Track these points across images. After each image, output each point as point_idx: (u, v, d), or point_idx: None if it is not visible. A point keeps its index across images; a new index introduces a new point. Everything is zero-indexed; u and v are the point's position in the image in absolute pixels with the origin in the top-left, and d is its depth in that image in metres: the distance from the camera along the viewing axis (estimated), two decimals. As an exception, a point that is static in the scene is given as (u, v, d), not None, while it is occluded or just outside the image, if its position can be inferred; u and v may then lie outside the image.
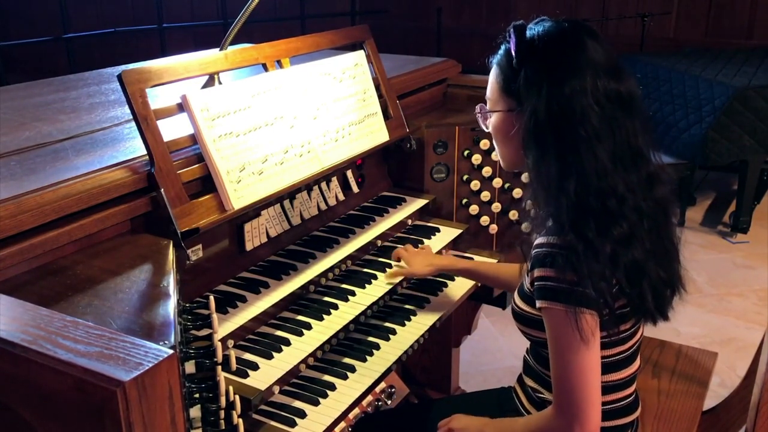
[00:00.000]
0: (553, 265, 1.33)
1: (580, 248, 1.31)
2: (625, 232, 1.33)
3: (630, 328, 1.47)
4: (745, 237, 4.52)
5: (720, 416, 2.01)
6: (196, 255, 1.63)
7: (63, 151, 1.65)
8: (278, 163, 1.76)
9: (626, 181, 1.34)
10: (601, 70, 1.35)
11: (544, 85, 1.35)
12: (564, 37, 1.39)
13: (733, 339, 3.41)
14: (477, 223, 2.33)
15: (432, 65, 2.62)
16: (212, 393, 1.21)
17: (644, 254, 1.36)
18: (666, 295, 1.46)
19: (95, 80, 2.44)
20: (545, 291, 1.35)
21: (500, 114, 1.48)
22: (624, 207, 1.34)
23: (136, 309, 1.21)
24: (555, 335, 1.37)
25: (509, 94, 1.44)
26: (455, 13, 7.38)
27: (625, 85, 1.37)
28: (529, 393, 1.59)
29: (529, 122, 1.37)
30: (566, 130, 1.33)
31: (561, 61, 1.36)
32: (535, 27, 1.41)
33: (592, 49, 1.36)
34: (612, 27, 6.31)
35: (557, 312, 1.33)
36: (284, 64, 1.92)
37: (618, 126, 1.34)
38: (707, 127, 4.29)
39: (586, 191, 1.32)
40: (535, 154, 1.38)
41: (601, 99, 1.33)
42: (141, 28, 6.16)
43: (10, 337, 0.96)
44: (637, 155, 1.38)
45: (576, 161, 1.33)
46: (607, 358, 1.46)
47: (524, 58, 1.39)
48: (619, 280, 1.35)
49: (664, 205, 1.43)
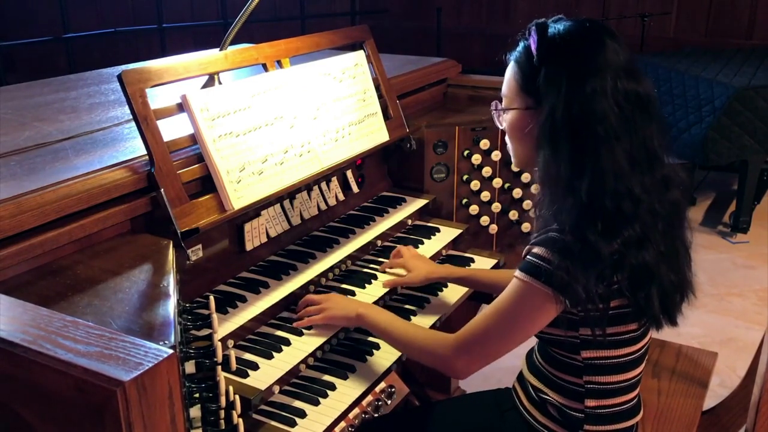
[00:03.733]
0: (558, 251, 1.33)
1: (577, 249, 1.31)
2: (637, 234, 1.33)
3: (637, 330, 1.47)
4: (745, 237, 4.52)
5: (720, 416, 2.01)
6: (196, 255, 1.63)
7: (63, 151, 1.65)
8: (278, 163, 1.76)
9: (642, 183, 1.34)
10: (621, 70, 1.35)
11: (564, 83, 1.34)
12: (585, 36, 1.39)
13: (733, 339, 3.41)
14: (477, 223, 2.33)
15: (432, 65, 2.62)
16: (212, 393, 1.21)
17: (656, 257, 1.36)
18: (676, 300, 1.46)
19: (95, 80, 2.45)
20: (533, 267, 1.36)
21: (517, 112, 1.48)
22: (639, 209, 1.34)
23: (136, 309, 1.21)
24: (510, 301, 1.39)
25: (527, 92, 1.44)
26: (455, 13, 7.38)
27: (643, 87, 1.37)
28: (529, 392, 1.58)
29: (546, 121, 1.37)
30: (585, 130, 1.33)
31: (582, 60, 1.35)
32: (555, 25, 1.41)
33: (612, 50, 1.36)
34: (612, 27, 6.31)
35: (531, 287, 1.35)
36: (284, 64, 1.92)
37: (636, 127, 1.34)
38: (707, 127, 4.29)
39: (601, 192, 1.32)
40: (547, 152, 1.38)
41: (620, 99, 1.33)
42: (141, 28, 6.15)
43: (10, 337, 0.96)
44: (653, 157, 1.37)
45: (592, 162, 1.32)
46: (616, 358, 1.46)
47: (545, 57, 1.38)
48: (620, 281, 1.35)
49: (677, 208, 1.43)
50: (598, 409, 1.48)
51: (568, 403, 1.50)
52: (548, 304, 1.35)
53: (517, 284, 1.39)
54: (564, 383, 1.50)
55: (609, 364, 1.46)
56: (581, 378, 1.47)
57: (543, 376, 1.56)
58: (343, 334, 1.75)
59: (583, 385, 1.48)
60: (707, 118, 4.33)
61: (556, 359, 1.50)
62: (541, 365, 1.56)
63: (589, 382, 1.47)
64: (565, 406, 1.51)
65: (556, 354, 1.50)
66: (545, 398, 1.54)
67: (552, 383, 1.53)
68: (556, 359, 1.50)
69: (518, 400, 1.62)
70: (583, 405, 1.49)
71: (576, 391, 1.49)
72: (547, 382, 1.55)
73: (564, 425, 1.52)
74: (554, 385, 1.52)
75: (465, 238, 2.26)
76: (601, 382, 1.47)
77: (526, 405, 1.59)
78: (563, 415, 1.51)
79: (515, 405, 1.62)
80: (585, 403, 1.48)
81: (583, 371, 1.47)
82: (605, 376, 1.47)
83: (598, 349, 1.44)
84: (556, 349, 1.49)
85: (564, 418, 1.51)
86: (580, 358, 1.45)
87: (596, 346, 1.44)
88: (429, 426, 1.73)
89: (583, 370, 1.47)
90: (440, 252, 2.16)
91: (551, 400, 1.53)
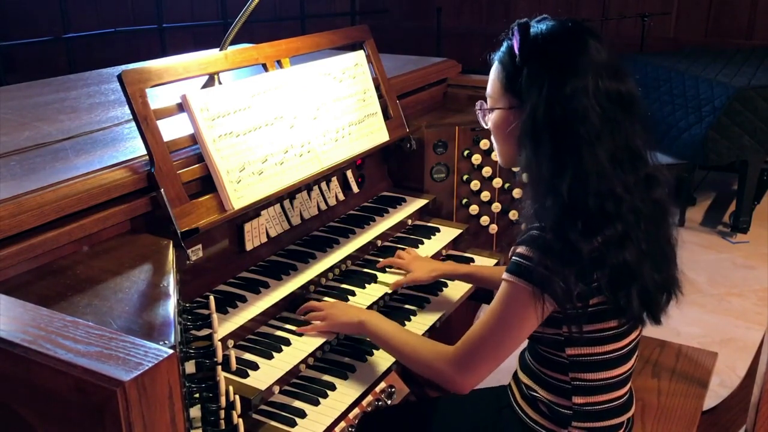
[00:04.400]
0: (537, 248, 1.34)
1: (558, 247, 1.32)
2: (618, 234, 1.34)
3: (618, 327, 1.45)
4: (745, 237, 4.52)
5: (720, 416, 2.01)
6: (196, 255, 1.63)
7: (63, 151, 1.65)
8: (278, 163, 1.77)
9: (625, 182, 1.35)
10: (602, 70, 1.35)
11: (546, 83, 1.35)
12: (567, 36, 1.39)
13: (733, 339, 3.40)
14: (477, 223, 2.33)
15: (432, 65, 2.62)
16: (212, 393, 1.22)
17: (638, 256, 1.36)
18: (660, 299, 1.46)
19: (95, 80, 2.45)
20: (516, 266, 1.37)
21: (501, 111, 1.49)
22: (621, 208, 1.34)
23: (136, 309, 1.21)
24: (500, 304, 1.40)
25: (511, 92, 1.45)
26: (455, 13, 7.38)
27: (625, 86, 1.38)
28: (522, 389, 1.59)
29: (528, 120, 1.37)
30: (566, 129, 1.34)
31: (564, 60, 1.36)
32: (538, 25, 1.42)
33: (594, 49, 1.37)
34: (612, 27, 6.31)
35: (517, 286, 1.36)
36: (284, 64, 1.92)
37: (618, 127, 1.35)
38: (707, 127, 4.29)
39: (583, 191, 1.33)
40: (529, 151, 1.39)
41: (602, 99, 1.34)
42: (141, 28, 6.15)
43: (10, 337, 0.96)
44: (636, 157, 1.38)
45: (574, 161, 1.33)
46: (600, 355, 1.46)
47: (527, 56, 1.39)
48: (599, 279, 1.35)
49: (661, 207, 1.44)
50: (586, 406, 1.49)
51: (556, 399, 1.51)
52: (534, 302, 1.35)
53: (504, 286, 1.40)
54: (551, 380, 1.51)
55: (593, 361, 1.46)
56: (567, 375, 1.48)
57: (533, 374, 1.56)
58: (342, 334, 1.75)
59: (570, 382, 1.48)
60: (707, 118, 4.33)
61: (543, 357, 1.51)
62: (531, 363, 1.57)
63: (575, 379, 1.48)
64: (554, 403, 1.51)
65: (542, 351, 1.51)
66: (535, 395, 1.55)
67: (540, 380, 1.54)
68: (543, 357, 1.51)
69: (512, 397, 1.63)
70: (570, 402, 1.49)
71: (563, 388, 1.50)
72: (536, 379, 1.55)
73: (553, 421, 1.52)
74: (543, 382, 1.53)
75: (465, 238, 2.26)
76: (587, 379, 1.47)
77: (519, 402, 1.60)
78: (552, 411, 1.52)
79: (510, 402, 1.63)
80: (572, 400, 1.49)
81: (569, 368, 1.47)
82: (591, 373, 1.47)
83: (582, 346, 1.44)
84: (543, 347, 1.50)
85: (553, 414, 1.52)
86: (565, 355, 1.46)
87: (580, 343, 1.44)
88: (429, 420, 1.73)
89: (569, 367, 1.47)
90: (440, 252, 2.16)
91: (540, 397, 1.54)
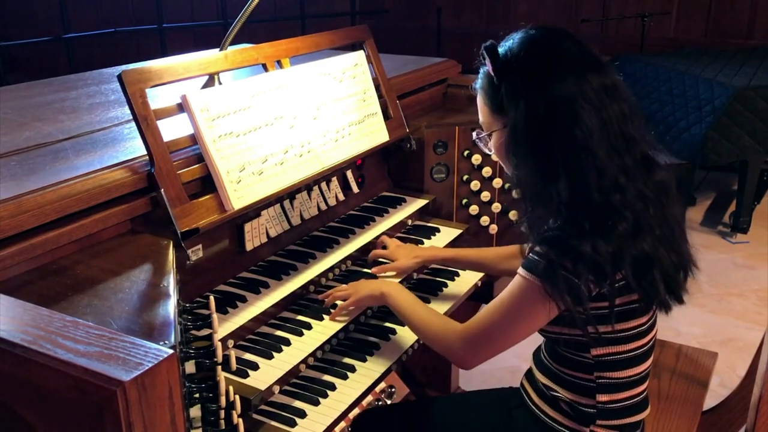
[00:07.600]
0: (554, 248, 1.35)
1: (576, 249, 1.33)
2: (630, 226, 1.35)
3: (646, 322, 1.48)
4: (745, 237, 4.52)
5: (720, 416, 2.01)
6: (196, 255, 1.63)
7: (63, 151, 1.65)
8: (278, 164, 1.77)
9: (625, 169, 1.36)
10: (581, 66, 1.37)
11: (525, 93, 1.38)
12: (536, 44, 1.41)
13: (733, 339, 3.40)
14: (477, 223, 2.33)
15: (432, 65, 2.62)
16: (212, 393, 1.21)
17: (654, 242, 1.38)
18: (679, 278, 1.47)
19: (95, 80, 2.45)
20: (531, 264, 1.38)
21: (497, 133, 1.50)
22: (627, 197, 1.35)
23: (136, 309, 1.21)
24: (511, 297, 1.41)
25: (498, 112, 1.47)
26: (455, 13, 7.38)
27: (607, 76, 1.39)
28: (540, 389, 1.59)
29: (512, 131, 1.40)
30: (562, 133, 1.35)
31: (540, 66, 1.38)
32: (504, 43, 1.45)
33: (568, 49, 1.39)
34: (612, 27, 6.31)
35: (530, 283, 1.37)
36: (284, 64, 1.92)
37: (607, 114, 1.36)
38: (707, 127, 4.29)
39: (586, 189, 1.34)
40: (521, 159, 1.41)
41: (589, 95, 1.35)
42: (141, 28, 6.15)
43: (10, 337, 0.96)
44: (629, 140, 1.39)
45: (573, 162, 1.34)
46: (626, 353, 1.47)
47: (502, 73, 1.42)
48: (626, 276, 1.36)
49: (665, 186, 1.45)
50: (610, 403, 1.50)
51: (579, 399, 1.51)
52: (544, 300, 1.36)
53: (518, 280, 1.41)
54: (575, 380, 1.52)
55: (620, 359, 1.47)
56: (592, 374, 1.49)
57: (552, 374, 1.56)
58: (342, 334, 1.75)
59: (594, 380, 1.49)
60: (707, 118, 4.32)
61: (565, 357, 1.51)
62: (550, 363, 1.56)
63: (600, 377, 1.49)
64: (577, 402, 1.52)
65: (564, 352, 1.51)
66: (556, 395, 1.55)
67: (562, 380, 1.54)
68: (565, 357, 1.51)
69: (528, 397, 1.62)
70: (594, 400, 1.50)
71: (587, 387, 1.50)
72: (556, 379, 1.55)
73: (576, 420, 1.53)
74: (564, 382, 1.53)
75: (465, 238, 2.26)
76: (612, 377, 1.49)
77: (536, 402, 1.60)
78: (575, 410, 1.52)
79: (524, 402, 1.63)
80: (597, 399, 1.50)
81: (594, 368, 1.48)
82: (617, 372, 1.48)
83: (608, 345, 1.46)
84: (565, 348, 1.50)
85: (576, 413, 1.52)
86: (589, 355, 1.47)
87: (606, 343, 1.45)
88: (431, 421, 1.74)
89: (594, 367, 1.48)
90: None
91: (562, 396, 1.54)
